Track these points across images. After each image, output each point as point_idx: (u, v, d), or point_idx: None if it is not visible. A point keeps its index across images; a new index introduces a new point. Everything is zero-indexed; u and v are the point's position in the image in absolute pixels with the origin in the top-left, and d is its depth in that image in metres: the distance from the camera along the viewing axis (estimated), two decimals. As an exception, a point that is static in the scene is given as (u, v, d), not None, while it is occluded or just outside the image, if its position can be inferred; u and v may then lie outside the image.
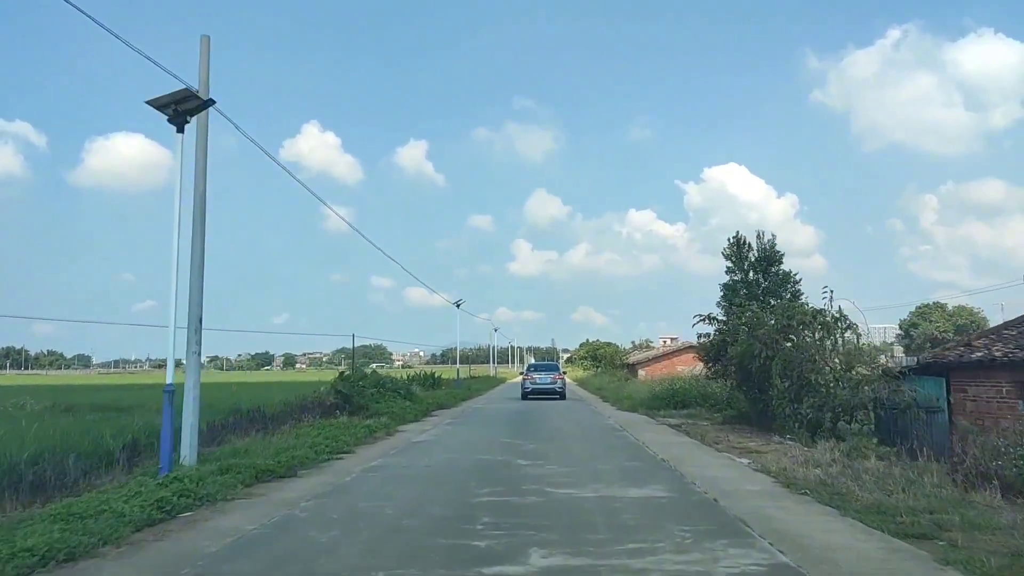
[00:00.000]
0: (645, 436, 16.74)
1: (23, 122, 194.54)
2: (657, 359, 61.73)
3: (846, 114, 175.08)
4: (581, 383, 56.75)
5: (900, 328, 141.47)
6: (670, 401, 25.41)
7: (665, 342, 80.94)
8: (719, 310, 26.06)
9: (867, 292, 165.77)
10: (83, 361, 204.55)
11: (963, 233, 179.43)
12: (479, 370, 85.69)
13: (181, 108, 9.85)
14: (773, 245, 33.69)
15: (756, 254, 33.84)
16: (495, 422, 21.72)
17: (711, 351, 20.25)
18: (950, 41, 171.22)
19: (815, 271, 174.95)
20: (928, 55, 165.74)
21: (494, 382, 55.58)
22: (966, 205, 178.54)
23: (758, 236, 34.14)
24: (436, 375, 40.71)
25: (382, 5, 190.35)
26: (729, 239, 34.92)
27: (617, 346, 67.17)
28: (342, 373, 23.66)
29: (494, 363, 67.93)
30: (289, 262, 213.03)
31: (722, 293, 34.26)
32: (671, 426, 19.39)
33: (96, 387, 38.50)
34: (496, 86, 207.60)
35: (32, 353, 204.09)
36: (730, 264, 34.48)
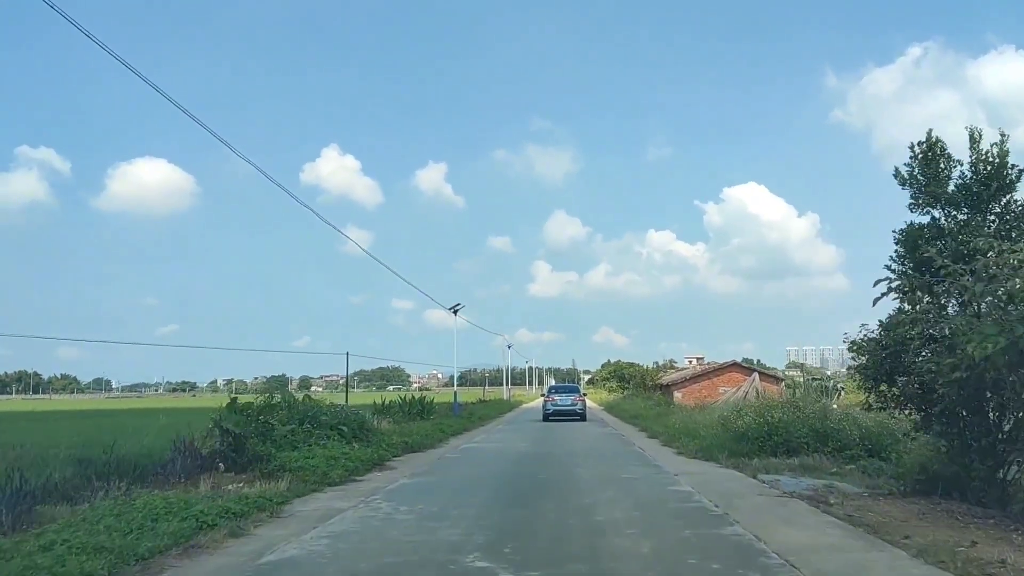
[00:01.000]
0: (810, 559, 7.29)
1: (47, 148, 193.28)
2: (695, 379, 52.17)
3: (867, 132, 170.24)
4: (609, 408, 47.18)
5: None
6: (764, 443, 16.04)
7: (691, 362, 71.46)
8: (887, 285, 10.95)
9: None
10: (102, 385, 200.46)
11: None
12: (494, 393, 76.79)
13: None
14: (1003, 153, 20.09)
15: (966, 173, 20.61)
16: (482, 486, 12.54)
17: (876, 357, 10.84)
18: (972, 58, 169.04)
19: (838, 291, 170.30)
20: (950, 72, 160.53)
21: (505, 407, 46.06)
22: None
23: (972, 138, 20.83)
24: (427, 400, 31.57)
25: (399, 28, 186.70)
26: (913, 147, 21.65)
27: (641, 366, 57.60)
28: (233, 400, 14.67)
29: (508, 385, 58.69)
30: (309, 284, 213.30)
31: (897, 245, 21.72)
32: (809, 502, 10.10)
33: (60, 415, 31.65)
34: (514, 107, 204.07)
35: (45, 377, 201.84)
36: (914, 190, 21.38)
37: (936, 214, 21.25)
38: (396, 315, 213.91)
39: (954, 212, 20.70)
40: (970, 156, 20.93)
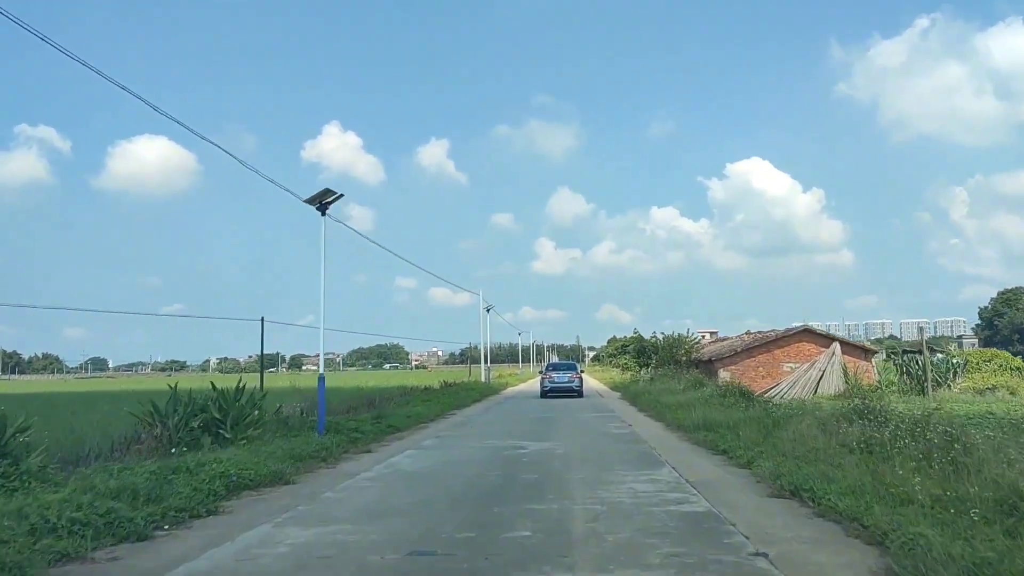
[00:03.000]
0: None
1: (47, 127, 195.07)
2: (748, 351, 37.35)
3: (873, 106, 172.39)
4: (629, 396, 31.51)
5: (980, 318, 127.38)
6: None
7: (704, 336, 56.58)
8: None
9: (895, 286, 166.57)
10: (98, 365, 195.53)
11: (994, 226, 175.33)
12: (497, 372, 62.81)
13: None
14: None
15: None
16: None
17: None
18: (980, 30, 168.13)
19: (843, 266, 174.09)
20: (957, 44, 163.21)
21: (469, 396, 30.31)
22: (997, 197, 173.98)
23: None
24: (251, 397, 16.64)
25: (401, 4, 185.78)
26: None
27: (670, 335, 41.99)
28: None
29: (487, 363, 43.87)
30: (312, 263, 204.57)
31: None
32: None
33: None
34: (515, 82, 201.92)
35: (25, 357, 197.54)
36: None
37: None
38: (400, 293, 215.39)
39: None
40: None
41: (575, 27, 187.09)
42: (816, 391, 35.49)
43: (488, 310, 45.59)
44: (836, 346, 36.47)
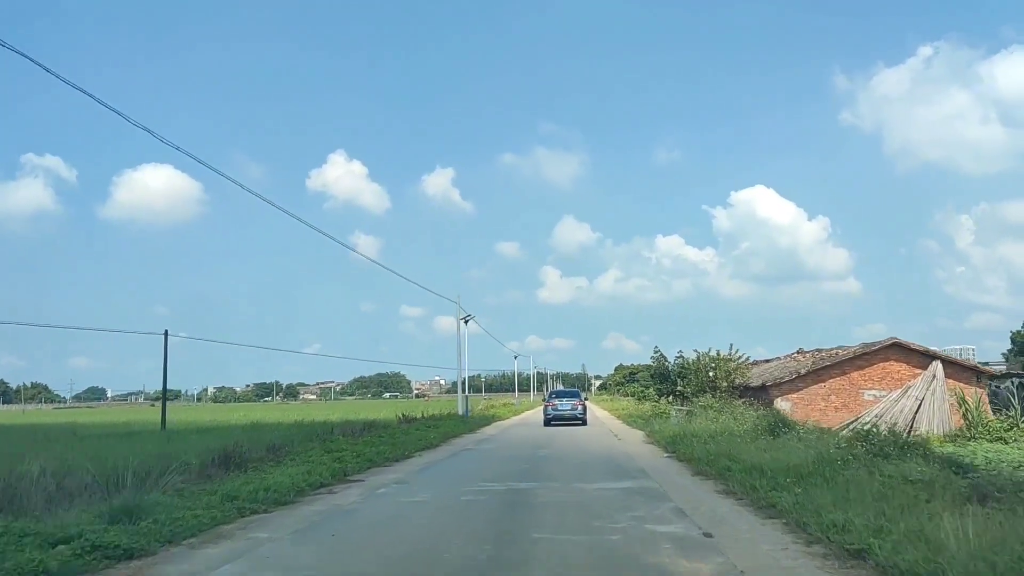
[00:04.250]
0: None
1: (53, 156, 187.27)
2: (816, 375, 27.67)
3: (877, 134, 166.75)
4: (663, 440, 19.55)
5: (1013, 342, 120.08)
6: None
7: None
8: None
9: (902, 315, 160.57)
10: (96, 394, 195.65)
11: (1000, 254, 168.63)
12: (481, 403, 54.17)
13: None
14: None
15: None
16: None
17: None
18: (984, 57, 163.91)
19: (849, 294, 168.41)
20: (962, 71, 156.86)
21: (438, 436, 21.08)
22: (1003, 225, 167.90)
23: None
24: None
25: (406, 31, 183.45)
26: None
27: (707, 353, 31.94)
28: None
29: (464, 391, 33.32)
30: (319, 291, 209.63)
31: None
32: None
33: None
34: (521, 111, 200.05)
35: (12, 386, 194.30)
36: None
37: None
38: (406, 322, 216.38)
39: None
40: None
41: (581, 55, 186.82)
42: (912, 427, 25.95)
43: (466, 321, 36.04)
44: (937, 366, 26.77)
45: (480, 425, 30.11)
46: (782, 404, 26.88)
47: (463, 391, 34.44)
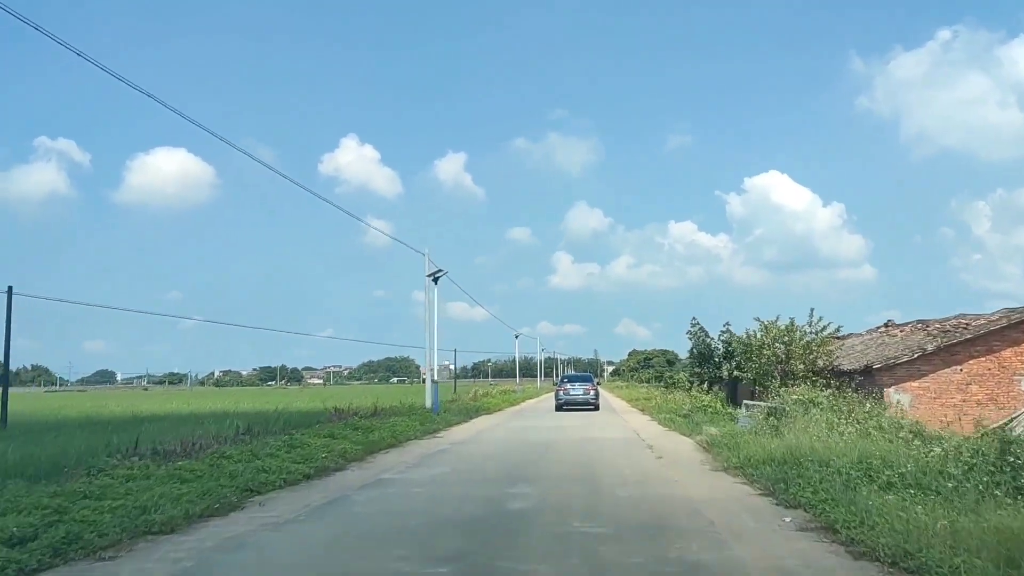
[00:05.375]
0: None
1: (67, 139, 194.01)
2: (946, 351, 18.58)
3: (894, 119, 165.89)
4: (763, 473, 9.92)
5: None
6: None
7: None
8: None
9: (918, 302, 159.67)
10: (106, 378, 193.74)
11: (1017, 241, 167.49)
12: (484, 389, 49.95)
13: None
14: None
15: None
16: None
17: None
18: (1003, 41, 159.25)
19: (864, 281, 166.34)
20: (981, 55, 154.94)
21: (389, 436, 13.26)
22: (1020, 212, 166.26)
23: None
24: None
25: (418, 17, 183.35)
26: None
27: (775, 323, 22.41)
28: None
29: (433, 378, 24.47)
30: (331, 274, 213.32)
31: None
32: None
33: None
34: (533, 96, 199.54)
35: (13, 369, 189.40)
36: None
37: None
38: (417, 307, 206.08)
39: None
40: None
41: (593, 41, 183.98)
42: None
43: (436, 279, 27.16)
44: None
45: (449, 424, 21.14)
46: (896, 395, 17.89)
47: (432, 379, 25.64)
